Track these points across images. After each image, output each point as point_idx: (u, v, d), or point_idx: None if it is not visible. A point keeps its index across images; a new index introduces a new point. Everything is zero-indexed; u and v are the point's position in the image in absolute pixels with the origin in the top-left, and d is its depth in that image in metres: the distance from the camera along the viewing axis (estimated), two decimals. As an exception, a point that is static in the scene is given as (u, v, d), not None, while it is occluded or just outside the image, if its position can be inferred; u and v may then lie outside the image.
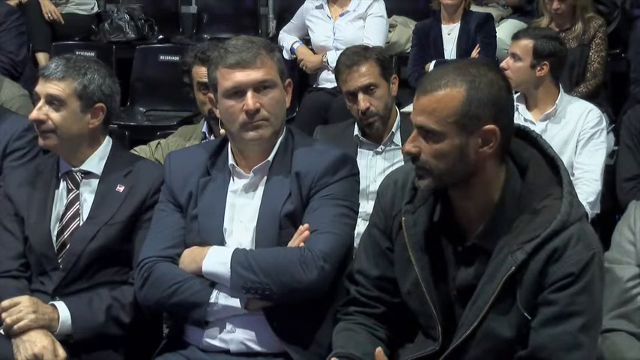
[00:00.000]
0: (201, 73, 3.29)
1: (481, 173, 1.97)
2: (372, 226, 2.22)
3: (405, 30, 5.77)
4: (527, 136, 2.06)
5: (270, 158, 2.41)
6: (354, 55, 3.49)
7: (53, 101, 2.57)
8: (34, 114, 2.58)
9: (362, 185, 2.95)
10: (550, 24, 5.02)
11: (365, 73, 3.43)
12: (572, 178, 3.61)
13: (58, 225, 2.61)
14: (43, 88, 2.58)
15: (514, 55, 3.93)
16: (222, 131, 2.40)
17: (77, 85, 2.58)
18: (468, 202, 2.01)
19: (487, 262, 1.98)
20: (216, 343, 2.36)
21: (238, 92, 2.34)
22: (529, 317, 1.93)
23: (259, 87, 2.35)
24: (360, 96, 3.42)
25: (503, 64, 3.93)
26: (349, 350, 2.11)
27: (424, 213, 2.07)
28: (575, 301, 1.91)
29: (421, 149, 1.97)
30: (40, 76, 2.62)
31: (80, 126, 2.61)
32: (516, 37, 4.04)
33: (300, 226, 2.33)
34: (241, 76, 2.34)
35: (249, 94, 2.33)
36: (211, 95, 2.46)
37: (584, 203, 3.49)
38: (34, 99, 2.66)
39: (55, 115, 2.57)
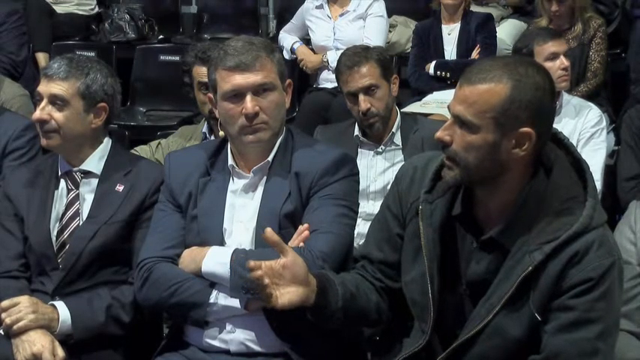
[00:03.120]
0: (201, 72, 3.29)
1: (509, 173, 1.95)
2: (385, 209, 2.21)
3: (406, 30, 5.77)
4: (554, 137, 2.04)
5: (269, 158, 2.40)
6: (355, 56, 3.48)
7: (56, 101, 2.57)
8: (38, 114, 2.58)
9: (362, 185, 2.96)
10: (549, 24, 5.02)
11: (365, 74, 3.43)
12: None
13: (57, 225, 2.61)
14: (46, 88, 2.58)
15: (566, 54, 3.94)
16: (221, 133, 2.40)
17: (80, 85, 2.59)
18: (491, 198, 2.00)
19: (502, 258, 1.97)
20: (216, 343, 2.36)
21: (237, 95, 2.34)
22: (539, 318, 1.92)
23: (258, 90, 2.34)
24: (361, 97, 3.41)
25: (567, 64, 3.89)
26: (325, 273, 2.13)
27: (442, 205, 2.06)
28: (594, 308, 1.89)
29: (453, 139, 1.95)
30: (42, 76, 2.62)
31: (83, 126, 2.61)
32: (558, 35, 4.04)
33: (300, 226, 2.32)
34: (240, 79, 2.33)
35: (249, 97, 2.33)
36: (211, 95, 2.45)
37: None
38: (36, 99, 2.66)
39: (58, 115, 2.57)
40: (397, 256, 2.16)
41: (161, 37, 6.30)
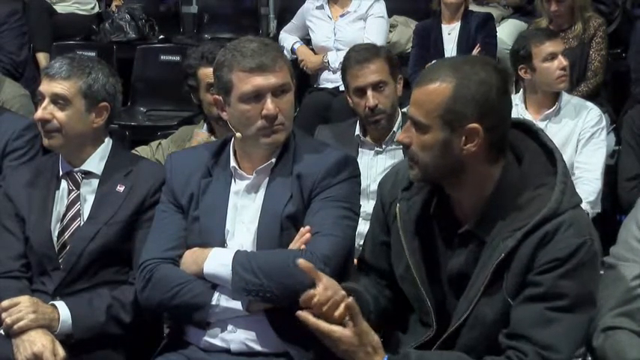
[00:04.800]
0: (209, 73, 3.26)
1: (470, 170, 1.99)
2: (373, 218, 2.28)
3: (406, 30, 5.77)
4: (529, 129, 2.08)
5: (273, 160, 2.40)
6: (366, 52, 3.49)
7: (58, 100, 2.57)
8: (40, 113, 2.58)
9: (362, 185, 2.94)
10: (549, 24, 5.01)
11: (375, 70, 3.43)
12: (572, 177, 3.62)
13: (58, 225, 2.61)
14: (47, 87, 2.58)
15: (564, 53, 3.95)
16: (238, 134, 2.39)
17: (82, 84, 2.59)
18: (461, 195, 2.04)
19: (479, 250, 2.01)
20: (216, 342, 2.36)
21: (257, 96, 2.33)
22: (511, 302, 1.95)
23: (277, 91, 2.34)
24: (369, 92, 3.41)
25: (565, 64, 3.89)
26: (352, 285, 2.17)
27: (419, 201, 2.10)
28: (559, 284, 1.92)
29: (412, 140, 2.01)
30: (43, 75, 2.61)
31: (85, 125, 2.61)
32: (555, 34, 4.05)
33: (302, 228, 2.32)
34: (261, 80, 2.32)
35: (269, 99, 2.32)
36: (217, 97, 2.44)
37: (584, 203, 3.48)
38: (37, 99, 2.65)
39: (60, 115, 2.57)
40: (387, 263, 2.22)
41: (161, 37, 6.30)
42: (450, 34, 5.28)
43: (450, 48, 5.23)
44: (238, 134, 2.40)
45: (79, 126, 2.60)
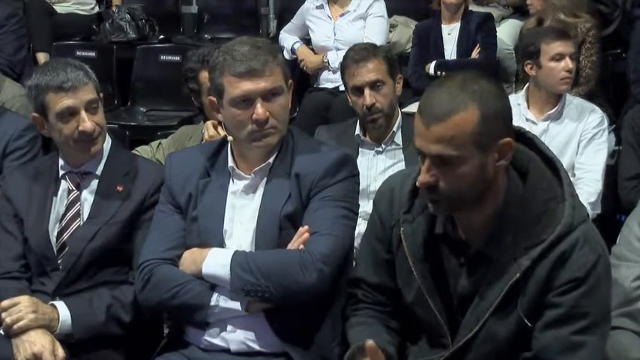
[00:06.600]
0: None
1: (494, 186, 1.95)
2: (370, 235, 2.21)
3: (406, 30, 5.76)
4: (522, 137, 2.04)
5: (270, 160, 2.40)
6: (363, 51, 3.50)
7: (92, 106, 2.57)
8: (90, 125, 2.55)
9: (362, 185, 2.95)
10: (539, 24, 4.99)
11: (373, 69, 3.44)
12: (573, 178, 3.62)
13: (58, 226, 2.61)
14: (78, 99, 2.55)
15: (572, 56, 3.94)
16: (230, 137, 2.38)
17: (94, 82, 2.61)
18: (474, 214, 1.99)
19: (488, 266, 1.97)
20: (216, 342, 2.35)
21: (246, 100, 2.32)
22: (529, 324, 1.93)
23: (267, 95, 2.33)
24: (367, 91, 3.42)
25: (571, 66, 3.89)
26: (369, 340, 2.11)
27: (423, 222, 2.05)
28: (580, 304, 1.91)
29: (438, 177, 1.91)
30: (63, 91, 2.53)
31: (104, 120, 2.64)
32: (567, 35, 4.04)
33: (300, 228, 2.32)
34: (250, 85, 2.31)
35: (259, 103, 2.31)
36: (213, 99, 2.44)
37: (585, 204, 3.48)
38: (65, 116, 2.56)
39: (97, 119, 2.59)
40: (393, 280, 2.17)
41: (162, 37, 6.29)
42: (450, 34, 5.28)
43: (450, 48, 5.23)
44: (230, 137, 2.40)
45: (104, 122, 2.64)
